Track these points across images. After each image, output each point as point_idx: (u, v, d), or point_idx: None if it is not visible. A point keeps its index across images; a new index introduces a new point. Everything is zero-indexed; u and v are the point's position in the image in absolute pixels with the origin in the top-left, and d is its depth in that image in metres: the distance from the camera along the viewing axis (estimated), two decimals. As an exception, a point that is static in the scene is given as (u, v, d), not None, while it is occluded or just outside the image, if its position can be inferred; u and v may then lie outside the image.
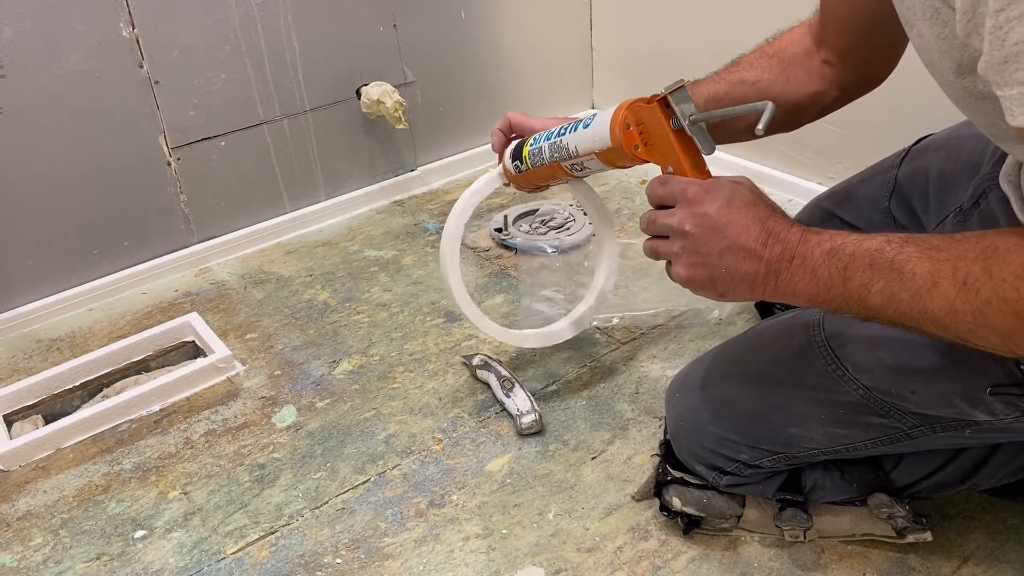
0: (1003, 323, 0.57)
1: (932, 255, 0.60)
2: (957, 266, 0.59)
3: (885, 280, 0.62)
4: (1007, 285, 0.56)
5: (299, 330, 1.34)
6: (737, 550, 0.91)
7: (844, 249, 0.65)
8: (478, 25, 1.73)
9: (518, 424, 1.08)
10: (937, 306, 0.60)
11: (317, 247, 1.59)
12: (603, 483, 1.01)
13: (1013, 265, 0.56)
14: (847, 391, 0.77)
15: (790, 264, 0.68)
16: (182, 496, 1.04)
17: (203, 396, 1.21)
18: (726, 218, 0.69)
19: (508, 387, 1.13)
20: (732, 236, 0.69)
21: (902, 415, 0.75)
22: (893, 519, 0.85)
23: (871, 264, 0.63)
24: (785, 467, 0.86)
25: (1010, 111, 0.52)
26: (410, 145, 1.73)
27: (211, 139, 1.49)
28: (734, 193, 0.70)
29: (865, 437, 0.79)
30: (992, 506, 0.93)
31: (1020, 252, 0.56)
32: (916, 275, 0.61)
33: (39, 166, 1.34)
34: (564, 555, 0.92)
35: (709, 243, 0.70)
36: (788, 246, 0.68)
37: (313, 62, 1.54)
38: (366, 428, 1.13)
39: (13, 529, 1.02)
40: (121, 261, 1.48)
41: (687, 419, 0.90)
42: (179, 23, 1.39)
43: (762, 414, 0.83)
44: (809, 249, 0.67)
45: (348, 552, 0.95)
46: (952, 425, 0.74)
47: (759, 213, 0.69)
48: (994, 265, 0.57)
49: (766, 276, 0.69)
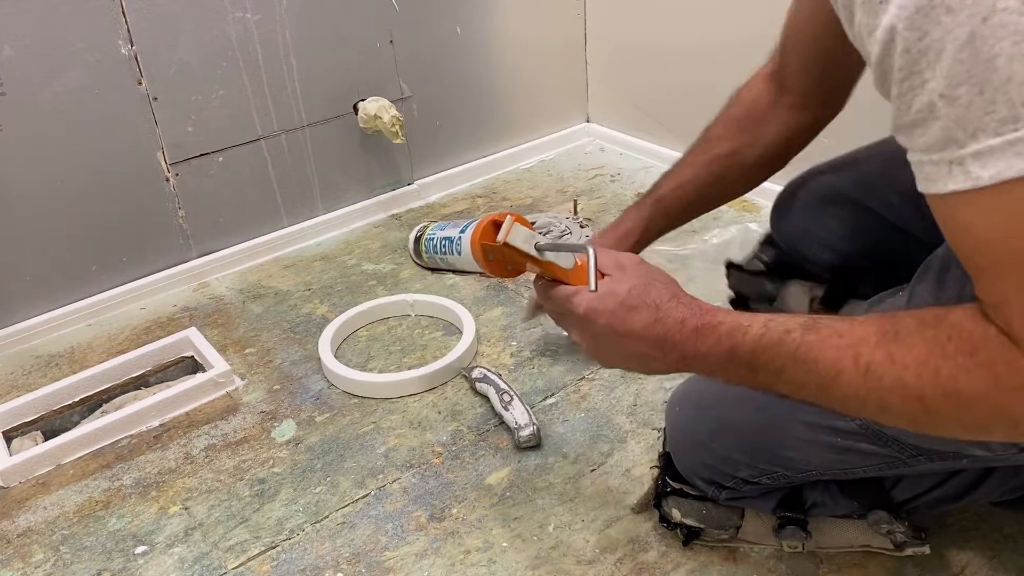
0: (907, 408, 0.57)
1: (834, 342, 0.60)
2: (859, 352, 0.58)
3: (792, 370, 0.62)
4: (910, 372, 0.56)
5: (298, 344, 1.35)
6: (736, 561, 0.92)
7: (743, 347, 0.65)
8: (474, 40, 1.74)
9: (516, 437, 1.09)
10: (843, 394, 0.60)
11: (315, 261, 1.60)
12: (603, 495, 1.01)
13: (916, 350, 0.56)
14: (846, 420, 0.76)
15: (695, 362, 0.68)
16: (183, 511, 1.05)
17: (202, 411, 1.22)
18: (615, 338, 0.70)
19: (507, 400, 1.13)
20: (629, 350, 0.70)
21: (900, 445, 0.75)
22: (892, 534, 0.86)
23: (776, 356, 0.63)
24: (784, 484, 0.86)
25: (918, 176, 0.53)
26: (407, 159, 1.74)
27: (209, 155, 1.50)
28: (617, 304, 0.70)
29: (862, 463, 0.79)
30: (989, 516, 0.94)
31: (921, 335, 0.56)
32: (819, 364, 0.60)
33: (38, 182, 1.35)
34: (564, 567, 0.92)
35: (612, 355, 0.72)
36: (685, 351, 0.68)
37: (310, 78, 1.55)
38: (366, 442, 1.13)
39: (14, 546, 1.02)
40: (120, 276, 1.48)
41: (686, 435, 0.90)
42: (177, 40, 1.40)
43: (760, 437, 0.83)
44: (706, 352, 0.67)
45: (349, 566, 0.95)
46: (949, 456, 0.74)
47: (645, 320, 0.69)
48: (896, 350, 0.57)
49: (679, 367, 0.70)
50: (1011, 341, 0.52)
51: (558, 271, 0.74)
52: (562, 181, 1.83)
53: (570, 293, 0.72)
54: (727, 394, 0.86)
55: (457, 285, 1.44)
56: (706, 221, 1.40)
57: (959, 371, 0.54)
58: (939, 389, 0.55)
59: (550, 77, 1.90)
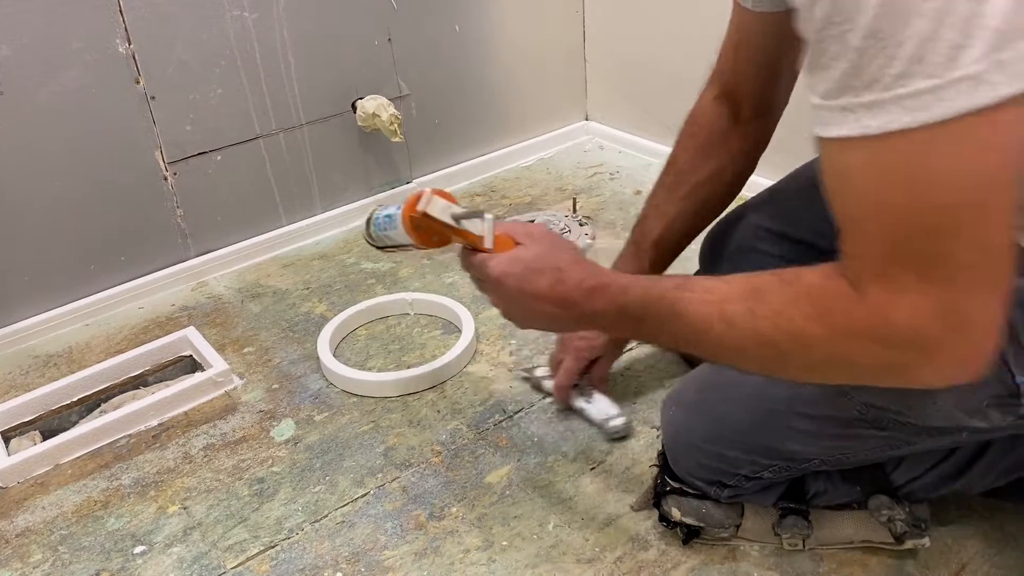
0: (762, 353, 0.65)
1: (704, 298, 0.68)
2: (724, 308, 0.66)
3: (670, 323, 0.71)
4: (766, 323, 0.63)
5: (296, 343, 1.34)
6: (736, 559, 0.91)
7: (631, 304, 0.74)
8: (472, 38, 1.74)
9: (606, 428, 1.08)
10: (712, 343, 0.68)
11: (313, 260, 1.59)
12: (602, 494, 1.01)
13: (773, 304, 0.63)
14: (845, 408, 0.77)
15: (591, 318, 0.78)
16: (182, 511, 1.04)
17: (201, 410, 1.21)
18: (524, 298, 0.79)
19: (587, 394, 1.12)
20: (536, 309, 0.79)
21: (901, 427, 0.76)
22: (892, 522, 0.86)
23: (657, 312, 0.72)
24: (786, 477, 0.86)
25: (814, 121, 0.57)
26: (405, 158, 1.74)
27: (207, 153, 1.50)
28: (524, 268, 0.78)
29: (864, 448, 0.80)
30: (990, 513, 0.93)
31: (780, 292, 0.63)
32: (692, 318, 0.69)
33: (36, 182, 1.35)
34: (564, 566, 0.92)
35: (523, 316, 0.82)
36: (583, 309, 0.77)
37: (309, 76, 1.55)
38: (365, 441, 1.13)
39: (12, 546, 1.02)
40: (118, 276, 1.48)
41: (683, 436, 0.90)
42: (175, 39, 1.39)
43: (759, 432, 0.84)
44: (602, 309, 0.76)
45: (348, 565, 0.95)
46: (950, 431, 0.75)
47: (548, 281, 0.77)
48: (755, 305, 0.64)
49: (580, 324, 0.80)
50: (855, 292, 0.58)
51: (474, 239, 0.82)
52: (561, 179, 1.82)
53: (484, 259, 0.80)
54: (721, 392, 0.87)
55: (456, 283, 1.44)
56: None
57: (805, 320, 0.62)
58: (787, 336, 0.63)
59: (549, 75, 1.90)
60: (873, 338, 0.59)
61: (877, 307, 0.58)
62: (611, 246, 1.45)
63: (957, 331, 0.56)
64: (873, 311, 0.58)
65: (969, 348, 0.57)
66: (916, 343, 0.57)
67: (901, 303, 0.57)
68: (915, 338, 0.57)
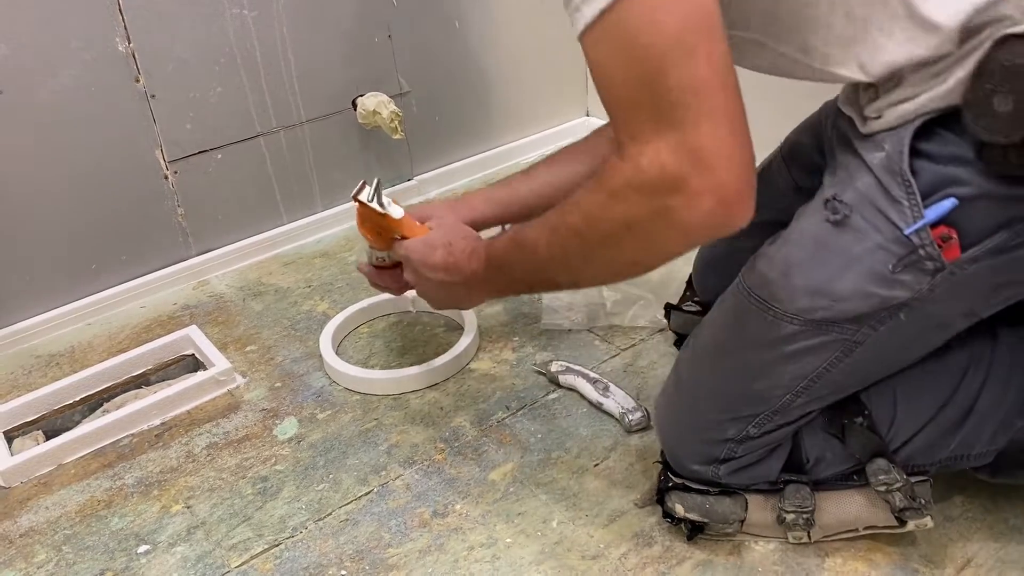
0: (572, 243, 0.77)
1: (540, 223, 0.81)
2: (548, 219, 0.80)
3: (516, 255, 0.87)
4: (572, 215, 0.76)
5: (299, 341, 1.34)
6: (741, 554, 0.91)
7: (494, 256, 0.91)
8: (472, 34, 1.73)
9: (625, 422, 1.09)
10: (545, 257, 0.81)
11: (315, 258, 1.59)
12: (606, 490, 1.01)
13: (581, 206, 0.75)
14: (784, 325, 0.80)
15: (474, 279, 0.95)
16: (185, 510, 1.04)
17: (204, 409, 1.21)
18: (425, 269, 0.99)
19: (603, 388, 1.13)
20: (436, 279, 0.99)
21: (839, 325, 0.79)
22: (891, 493, 0.85)
23: (507, 252, 0.89)
24: (773, 430, 0.87)
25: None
26: (406, 155, 1.74)
27: (208, 152, 1.49)
28: (425, 245, 0.99)
29: (821, 363, 0.82)
30: (995, 506, 0.93)
31: (590, 196, 0.74)
32: (529, 241, 0.83)
33: (37, 182, 1.34)
34: (569, 563, 0.92)
35: (429, 289, 1.03)
36: (467, 273, 0.95)
37: (309, 74, 1.54)
38: (368, 439, 1.13)
39: (16, 546, 1.02)
40: (119, 275, 1.48)
41: (671, 422, 0.93)
42: (175, 37, 1.39)
43: (726, 381, 0.87)
44: (477, 268, 0.94)
45: (352, 563, 0.95)
46: (886, 315, 0.78)
47: (442, 254, 0.97)
48: (567, 205, 0.77)
49: (470, 291, 0.97)
50: (619, 157, 0.68)
51: (394, 222, 1.04)
52: (562, 175, 1.82)
53: (401, 242, 1.02)
54: (689, 365, 0.92)
55: (458, 280, 1.44)
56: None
57: (590, 194, 0.74)
58: (583, 216, 0.75)
59: (550, 71, 1.89)
60: (633, 187, 0.68)
61: (630, 160, 0.67)
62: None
63: (695, 165, 0.64)
64: (628, 164, 0.67)
65: (714, 179, 0.64)
66: (666, 183, 0.66)
67: (646, 151, 0.66)
68: (663, 178, 0.66)
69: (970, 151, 0.70)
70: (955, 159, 0.71)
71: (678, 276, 1.33)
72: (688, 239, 0.70)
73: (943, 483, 0.95)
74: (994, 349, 0.86)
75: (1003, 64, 0.65)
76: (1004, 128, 0.66)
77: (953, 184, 0.71)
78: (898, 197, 0.73)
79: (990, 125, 0.67)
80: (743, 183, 0.66)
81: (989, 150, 0.69)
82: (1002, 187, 0.70)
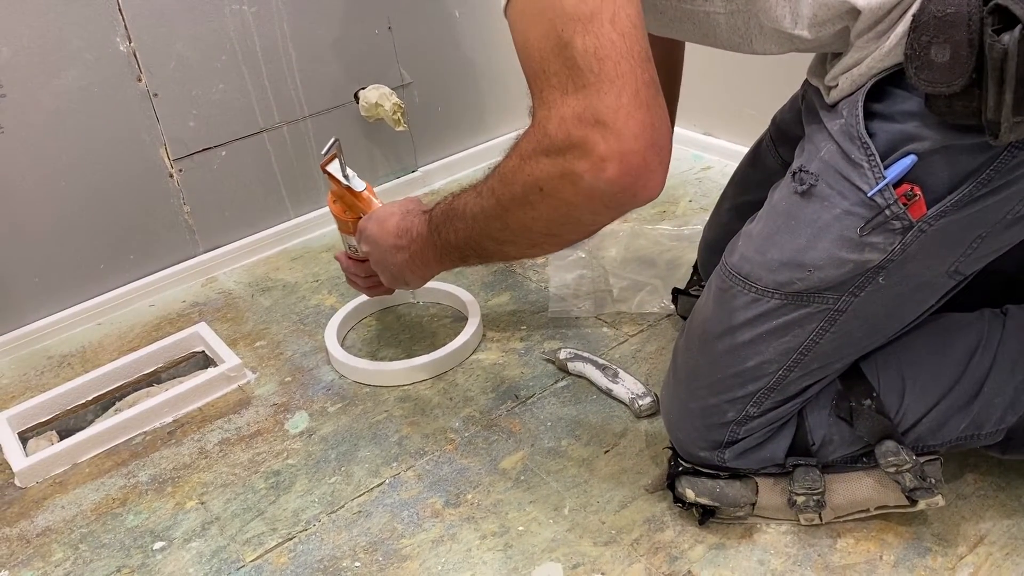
0: (493, 210, 0.80)
1: (474, 190, 0.84)
2: (480, 189, 0.82)
3: (452, 222, 0.88)
4: (492, 181, 0.79)
5: (308, 336, 1.35)
6: (753, 537, 0.91)
7: (432, 221, 0.93)
8: (473, 23, 1.73)
9: (635, 407, 1.09)
10: (470, 219, 0.84)
11: (322, 252, 1.59)
12: (617, 476, 1.01)
13: (498, 170, 0.78)
14: (766, 301, 0.81)
15: (417, 243, 0.97)
16: (199, 506, 1.05)
17: (215, 405, 1.22)
18: (379, 236, 1.03)
19: (612, 374, 1.13)
20: (387, 245, 1.02)
21: (819, 295, 0.79)
22: (900, 474, 0.85)
23: (443, 219, 0.90)
24: (772, 408, 0.87)
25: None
26: (410, 146, 1.74)
27: (212, 149, 1.50)
28: (379, 215, 1.05)
29: (808, 335, 0.82)
30: (1007, 483, 0.93)
31: (506, 160, 0.76)
32: (459, 204, 0.87)
33: (42, 183, 1.35)
34: (581, 549, 0.92)
35: (382, 260, 1.04)
36: (412, 234, 0.97)
37: (310, 68, 1.54)
38: (379, 431, 1.13)
39: (33, 545, 1.03)
40: (128, 274, 1.48)
41: (674, 411, 0.93)
42: (175, 35, 1.39)
43: (719, 363, 0.87)
44: (419, 231, 0.96)
45: (366, 555, 0.95)
46: (864, 281, 0.78)
47: (395, 222, 1.01)
48: (490, 177, 0.80)
49: (412, 259, 0.99)
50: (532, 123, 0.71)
51: (355, 195, 1.13)
52: (567, 163, 1.81)
53: (363, 218, 1.08)
54: (684, 354, 0.92)
55: (464, 272, 1.44)
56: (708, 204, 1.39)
57: (509, 161, 0.76)
58: (502, 181, 0.77)
59: (551, 58, 1.88)
60: (541, 151, 0.70)
61: (539, 125, 0.70)
62: (616, 228, 1.45)
63: (598, 129, 0.65)
64: (538, 129, 0.70)
65: (619, 146, 0.65)
66: (572, 147, 0.67)
67: (552, 116, 0.68)
68: (569, 141, 0.67)
69: (921, 106, 0.71)
70: (909, 115, 0.72)
71: (685, 261, 1.33)
72: (594, 205, 0.71)
73: (954, 461, 0.95)
74: (1003, 328, 0.86)
75: (935, 15, 0.66)
76: (944, 78, 0.67)
77: (910, 141, 0.72)
78: (858, 160, 0.74)
79: (931, 77, 0.68)
80: (651, 152, 0.66)
81: (935, 102, 0.69)
82: (958, 138, 0.70)
